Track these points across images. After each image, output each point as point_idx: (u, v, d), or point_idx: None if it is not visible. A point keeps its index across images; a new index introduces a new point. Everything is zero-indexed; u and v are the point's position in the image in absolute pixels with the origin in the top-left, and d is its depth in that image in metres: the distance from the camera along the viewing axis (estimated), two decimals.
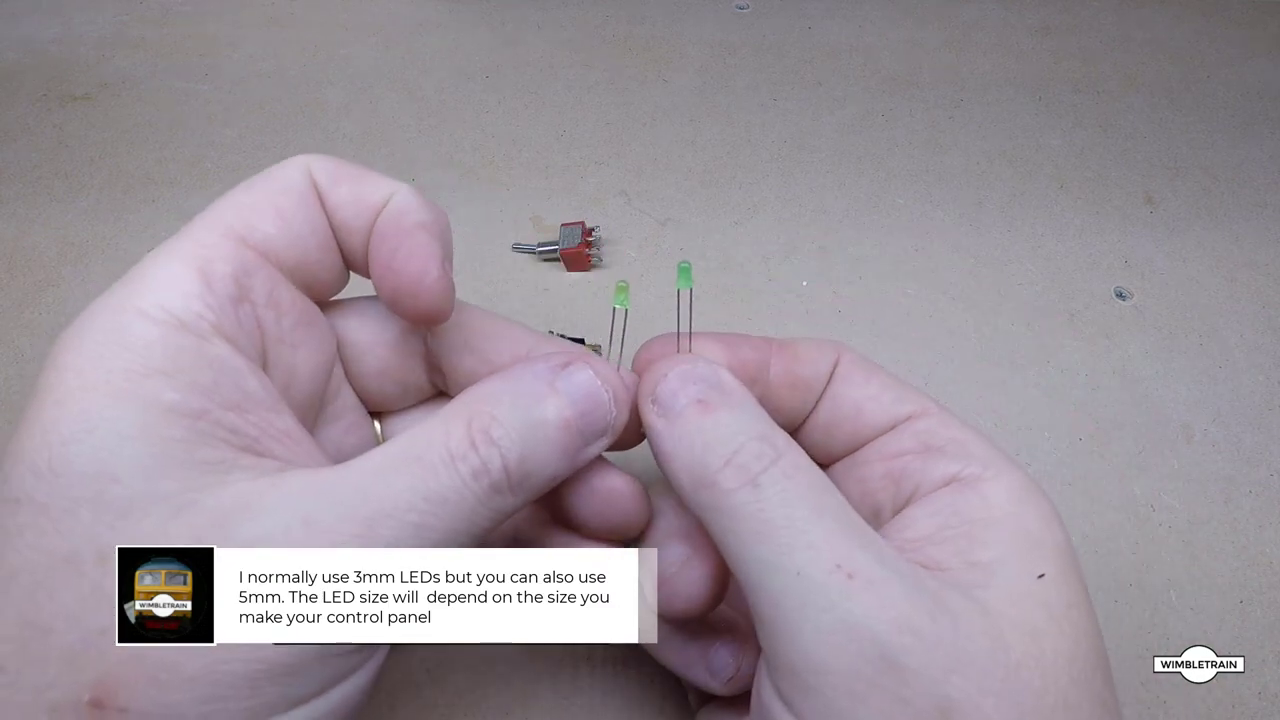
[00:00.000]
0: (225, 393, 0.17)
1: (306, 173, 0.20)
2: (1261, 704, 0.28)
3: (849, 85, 0.49)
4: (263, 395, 0.18)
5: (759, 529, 0.18)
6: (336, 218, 0.20)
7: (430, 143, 0.45)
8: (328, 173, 0.20)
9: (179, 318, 0.17)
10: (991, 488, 0.20)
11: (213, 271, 0.18)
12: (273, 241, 0.19)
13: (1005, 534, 0.19)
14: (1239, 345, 0.37)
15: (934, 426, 0.22)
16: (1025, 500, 0.20)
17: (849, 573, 0.17)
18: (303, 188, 0.20)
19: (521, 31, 0.52)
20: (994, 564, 0.19)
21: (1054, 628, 0.18)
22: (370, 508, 0.17)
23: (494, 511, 0.18)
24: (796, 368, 0.23)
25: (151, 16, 0.53)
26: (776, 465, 0.19)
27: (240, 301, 0.18)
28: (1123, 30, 0.54)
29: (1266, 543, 0.31)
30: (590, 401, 0.20)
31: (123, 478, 0.15)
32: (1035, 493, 0.20)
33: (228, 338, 0.18)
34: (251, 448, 0.17)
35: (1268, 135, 0.47)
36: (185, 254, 0.18)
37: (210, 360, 0.17)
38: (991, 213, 0.43)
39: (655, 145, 0.45)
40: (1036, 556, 0.19)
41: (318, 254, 0.20)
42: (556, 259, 0.39)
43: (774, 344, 0.24)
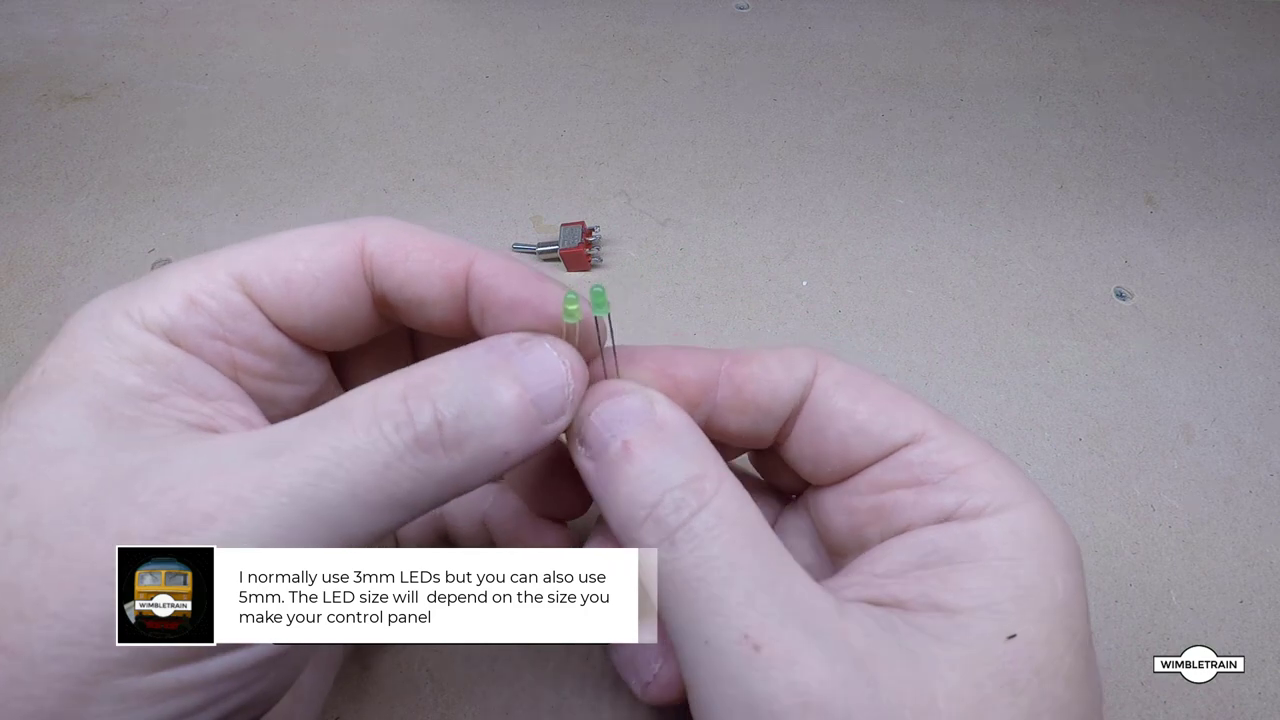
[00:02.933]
0: (188, 384, 0.18)
1: (355, 248, 0.20)
2: (1261, 704, 0.28)
3: (849, 85, 0.49)
4: (224, 390, 0.19)
5: (673, 590, 0.17)
6: (405, 293, 0.20)
7: (430, 143, 0.45)
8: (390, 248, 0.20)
9: (149, 325, 0.18)
10: (989, 525, 0.18)
11: (200, 303, 0.19)
12: (271, 303, 0.19)
13: (987, 580, 0.17)
14: (1239, 345, 0.37)
15: (930, 455, 0.19)
16: (1030, 543, 0.18)
17: (756, 644, 0.16)
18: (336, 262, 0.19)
19: (521, 31, 0.52)
20: (962, 612, 0.17)
21: (1005, 700, 0.16)
22: (281, 458, 0.16)
23: (419, 472, 0.17)
24: (747, 390, 0.21)
25: (151, 16, 0.53)
26: (697, 518, 0.17)
27: (215, 338, 0.19)
28: (1123, 30, 0.54)
29: (1266, 543, 0.31)
30: (547, 376, 0.19)
31: (59, 430, 0.16)
32: (1050, 535, 0.18)
33: (199, 354, 0.19)
34: (207, 424, 0.18)
35: (1268, 135, 0.47)
36: (186, 278, 0.19)
37: (175, 357, 0.18)
38: (991, 213, 0.43)
39: (655, 145, 0.45)
40: (1017, 611, 0.17)
41: (318, 323, 0.20)
42: (556, 259, 0.39)
43: (727, 358, 0.21)
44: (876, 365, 0.36)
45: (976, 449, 0.19)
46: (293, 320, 0.20)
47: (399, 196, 0.42)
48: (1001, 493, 0.18)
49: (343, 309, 0.20)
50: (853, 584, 0.19)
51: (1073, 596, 0.18)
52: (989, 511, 0.18)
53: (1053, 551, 0.18)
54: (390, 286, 0.20)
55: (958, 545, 0.18)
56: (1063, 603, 0.17)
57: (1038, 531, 0.18)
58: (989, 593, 0.17)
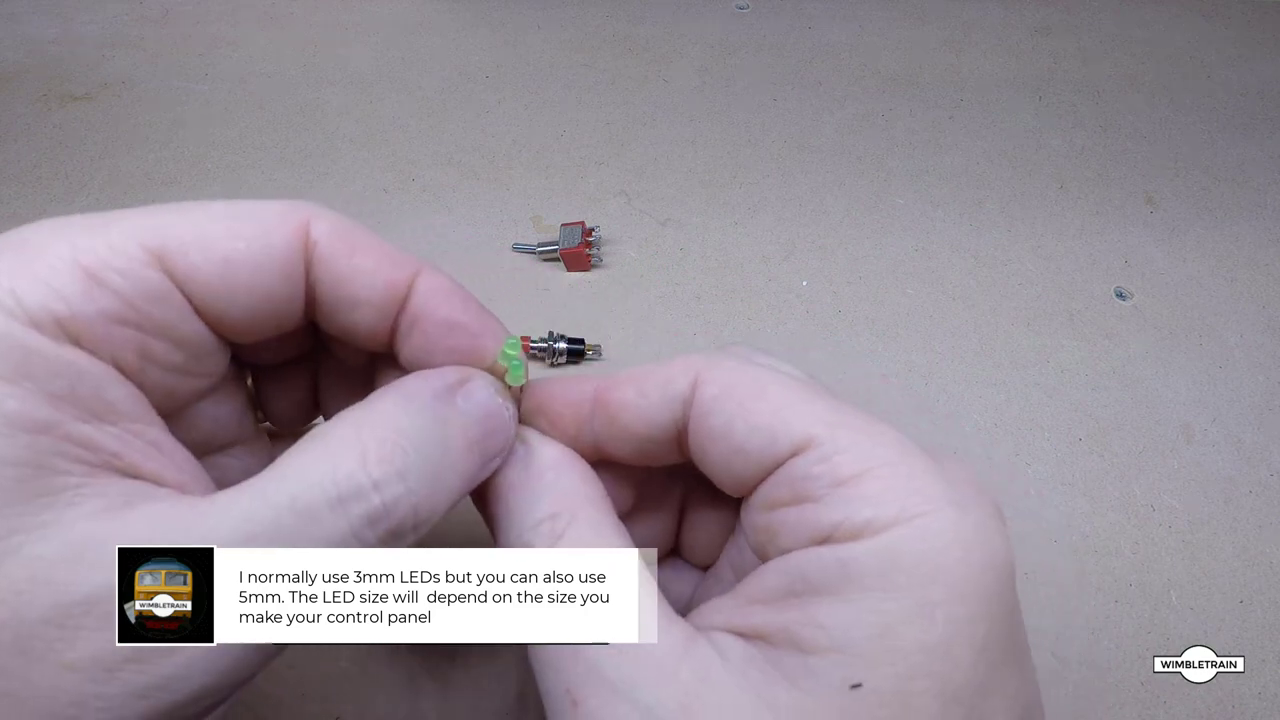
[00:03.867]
0: (83, 401, 0.15)
1: (298, 231, 0.18)
2: (1261, 704, 0.28)
3: (849, 85, 0.49)
4: (128, 405, 0.16)
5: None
6: (340, 289, 0.18)
7: (430, 143, 0.45)
8: (337, 237, 0.18)
9: (33, 315, 0.14)
10: (862, 549, 0.15)
11: (105, 281, 0.15)
12: (201, 285, 0.17)
13: (847, 615, 0.15)
14: (1239, 345, 0.37)
15: (811, 467, 0.16)
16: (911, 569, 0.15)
17: (574, 699, 0.16)
18: (281, 245, 0.17)
19: (521, 31, 0.52)
20: (815, 653, 0.15)
21: None
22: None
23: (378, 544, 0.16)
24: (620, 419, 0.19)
25: (151, 16, 0.53)
26: None
27: (124, 324, 0.16)
28: (1123, 30, 0.54)
29: (1266, 543, 0.31)
30: (492, 420, 0.18)
31: None
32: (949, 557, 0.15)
33: (91, 347, 0.15)
34: (110, 464, 0.15)
35: (1268, 135, 0.47)
36: (87, 246, 0.16)
37: (66, 364, 0.15)
38: (991, 213, 0.43)
39: (655, 145, 0.45)
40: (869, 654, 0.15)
41: (254, 311, 0.18)
42: (556, 259, 0.39)
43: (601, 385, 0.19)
44: (876, 365, 0.36)
45: (873, 453, 0.16)
46: (223, 307, 0.17)
47: (399, 196, 0.42)
48: (890, 506, 0.15)
49: (280, 298, 0.18)
50: (727, 608, 0.17)
51: (956, 635, 0.15)
52: (870, 530, 0.15)
53: (945, 579, 0.15)
54: (326, 279, 0.18)
55: (825, 573, 0.16)
56: (936, 644, 0.14)
57: (928, 553, 0.15)
58: (846, 631, 0.15)
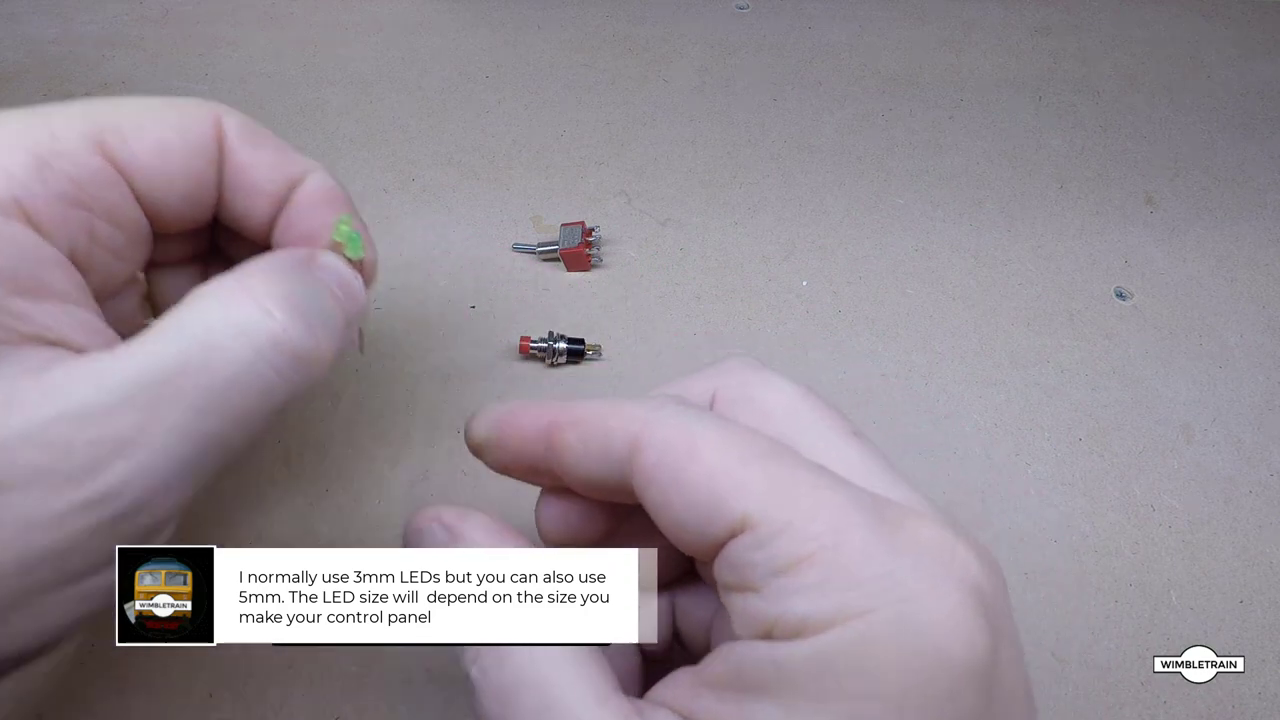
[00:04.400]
0: (21, 279, 0.16)
1: (214, 122, 0.19)
2: (1261, 704, 0.28)
3: (849, 85, 0.49)
4: (66, 287, 0.17)
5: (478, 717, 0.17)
6: (243, 176, 0.20)
7: (430, 143, 0.45)
8: (244, 131, 0.20)
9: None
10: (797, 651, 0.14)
11: (52, 166, 0.16)
12: (140, 169, 0.18)
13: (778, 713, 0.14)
14: (1239, 345, 0.37)
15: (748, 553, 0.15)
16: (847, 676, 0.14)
17: None
18: (202, 134, 0.19)
19: (521, 31, 0.52)
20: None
21: None
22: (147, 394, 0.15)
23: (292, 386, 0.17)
24: (565, 461, 0.18)
25: (151, 16, 0.53)
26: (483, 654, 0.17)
27: (77, 206, 0.17)
28: (1123, 30, 0.54)
29: (1266, 543, 0.31)
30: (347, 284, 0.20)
31: None
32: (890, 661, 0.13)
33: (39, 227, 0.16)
34: (41, 336, 0.16)
35: (1268, 135, 0.47)
36: (32, 135, 0.16)
37: (9, 240, 0.15)
38: (991, 213, 0.43)
39: (655, 145, 0.45)
40: None
41: (186, 196, 0.19)
42: (556, 259, 0.39)
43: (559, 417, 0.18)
44: (876, 365, 0.36)
45: (812, 533, 0.14)
46: (162, 193, 0.18)
47: (399, 196, 0.42)
48: (827, 602, 0.14)
49: (206, 184, 0.19)
50: (683, 685, 0.17)
51: None
52: (808, 630, 0.14)
53: (884, 690, 0.13)
54: (232, 167, 0.20)
55: (762, 674, 0.15)
56: None
57: (864, 661, 0.14)
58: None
